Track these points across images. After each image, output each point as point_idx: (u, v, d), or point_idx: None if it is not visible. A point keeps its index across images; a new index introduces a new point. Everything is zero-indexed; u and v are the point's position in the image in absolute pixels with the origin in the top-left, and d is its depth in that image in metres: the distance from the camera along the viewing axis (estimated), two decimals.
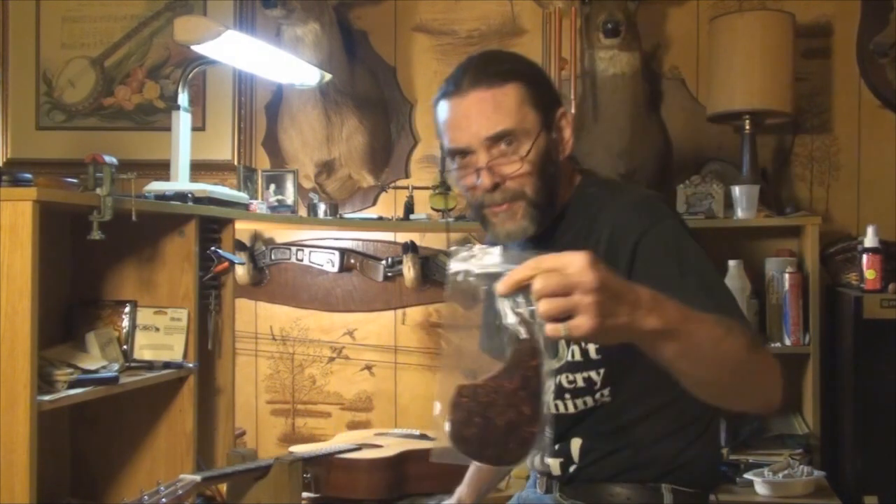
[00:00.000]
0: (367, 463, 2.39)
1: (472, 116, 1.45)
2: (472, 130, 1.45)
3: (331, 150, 3.05)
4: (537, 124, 1.47)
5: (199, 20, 2.30)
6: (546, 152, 1.48)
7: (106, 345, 2.04)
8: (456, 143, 1.48)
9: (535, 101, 1.47)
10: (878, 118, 2.98)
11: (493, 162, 1.45)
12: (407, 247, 2.96)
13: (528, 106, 1.46)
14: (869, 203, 2.95)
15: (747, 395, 1.22)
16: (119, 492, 2.15)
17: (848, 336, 2.62)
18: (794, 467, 2.55)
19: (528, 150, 1.45)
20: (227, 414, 2.33)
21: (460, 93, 1.47)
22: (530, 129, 1.46)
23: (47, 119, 3.22)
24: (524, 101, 1.46)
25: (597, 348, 1.45)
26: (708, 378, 1.16)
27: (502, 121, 1.44)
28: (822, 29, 3.00)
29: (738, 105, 2.78)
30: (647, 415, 1.48)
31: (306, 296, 3.13)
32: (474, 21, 3.13)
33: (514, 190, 1.46)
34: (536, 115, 1.47)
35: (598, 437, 1.50)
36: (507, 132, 1.45)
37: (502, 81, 1.46)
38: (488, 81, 1.45)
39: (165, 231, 2.15)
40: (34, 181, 1.73)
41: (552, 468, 1.54)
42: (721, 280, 1.44)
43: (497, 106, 1.45)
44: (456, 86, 1.48)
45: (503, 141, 1.45)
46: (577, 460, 1.51)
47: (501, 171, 1.45)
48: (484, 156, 1.45)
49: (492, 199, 1.47)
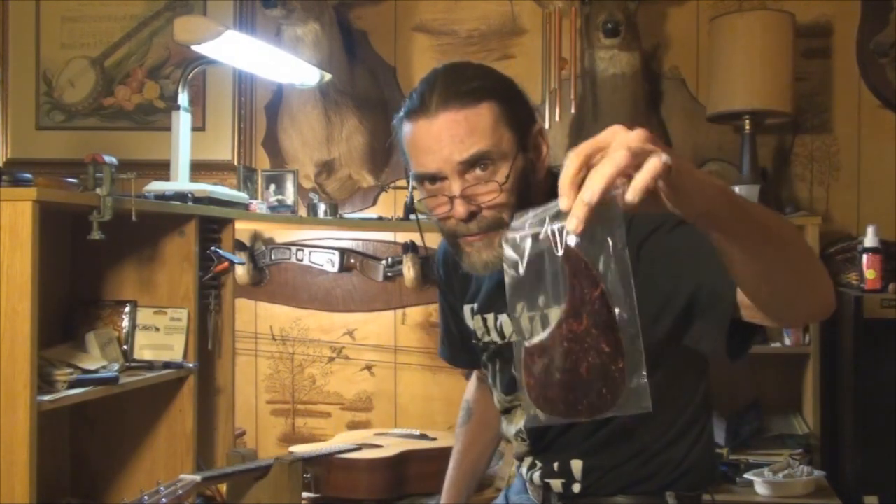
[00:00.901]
0: (367, 463, 2.39)
1: (443, 140, 1.32)
2: (443, 154, 1.32)
3: (331, 150, 3.05)
4: (514, 145, 1.34)
5: (199, 20, 2.30)
6: (524, 174, 1.35)
7: (106, 345, 2.04)
8: (425, 167, 1.35)
9: (510, 120, 1.35)
10: (878, 118, 2.98)
11: (468, 189, 1.32)
12: (407, 247, 2.96)
13: (503, 126, 1.33)
14: (869, 203, 2.95)
15: (810, 284, 1.12)
16: (119, 492, 2.15)
17: (848, 336, 2.62)
18: (794, 467, 2.55)
19: (507, 175, 1.32)
20: (227, 414, 2.33)
21: (428, 114, 1.33)
22: (507, 151, 1.33)
23: (47, 119, 3.22)
24: (499, 121, 1.33)
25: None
26: (774, 258, 1.04)
27: (476, 143, 1.31)
28: (822, 29, 3.00)
29: (738, 105, 2.78)
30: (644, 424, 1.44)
31: (306, 296, 3.14)
32: (474, 21, 3.13)
33: (490, 219, 1.33)
34: (512, 135, 1.34)
35: (597, 455, 1.46)
36: (482, 154, 1.31)
37: (475, 101, 1.32)
38: (460, 101, 1.32)
39: (165, 231, 2.15)
40: (34, 181, 1.73)
41: (553, 487, 1.50)
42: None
43: (471, 128, 1.31)
44: (422, 105, 1.34)
45: (478, 166, 1.32)
46: (580, 479, 1.48)
47: (477, 199, 1.32)
48: (457, 183, 1.32)
49: (466, 230, 1.34)
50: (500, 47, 3.09)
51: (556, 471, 1.49)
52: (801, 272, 1.09)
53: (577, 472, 1.47)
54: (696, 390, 1.48)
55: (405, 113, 1.37)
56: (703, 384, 1.50)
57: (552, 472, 1.50)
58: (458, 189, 1.32)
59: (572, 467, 1.48)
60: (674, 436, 1.46)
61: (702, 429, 1.50)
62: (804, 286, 1.12)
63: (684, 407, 1.47)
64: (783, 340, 2.71)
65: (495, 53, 3.09)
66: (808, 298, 1.15)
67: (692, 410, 1.48)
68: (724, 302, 1.22)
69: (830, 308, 1.18)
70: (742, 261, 1.04)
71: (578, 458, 1.47)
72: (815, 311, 1.21)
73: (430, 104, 1.33)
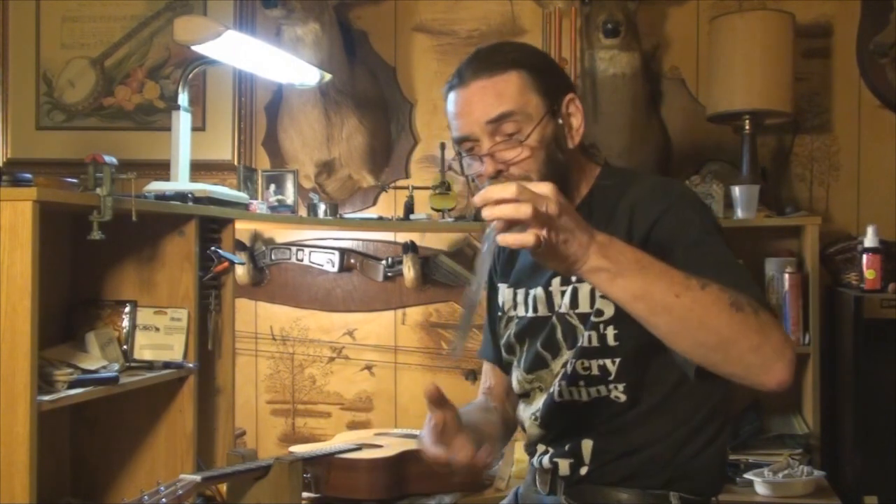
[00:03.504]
0: (367, 463, 2.39)
1: (473, 103, 1.46)
2: (473, 117, 1.45)
3: (331, 150, 3.05)
4: (541, 109, 1.45)
5: (199, 20, 2.30)
6: (553, 138, 1.46)
7: (106, 345, 2.04)
8: (460, 131, 1.48)
9: (538, 87, 1.46)
10: (878, 118, 2.98)
11: (494, 147, 1.45)
12: (407, 247, 2.96)
13: (530, 92, 1.45)
14: (869, 203, 2.95)
15: (729, 354, 1.20)
16: (119, 492, 2.15)
17: (848, 336, 2.62)
18: (794, 467, 2.55)
19: (529, 133, 1.43)
20: (227, 414, 2.33)
21: (463, 83, 1.47)
22: (532, 113, 1.45)
23: (47, 119, 3.22)
24: (526, 87, 1.45)
25: (615, 334, 1.44)
26: (669, 327, 1.20)
27: (502, 104, 1.44)
28: (822, 29, 3.00)
29: (738, 105, 2.78)
30: (659, 416, 1.47)
31: (306, 296, 3.14)
32: (474, 21, 3.13)
33: (517, 177, 1.42)
34: (540, 100, 1.46)
35: (609, 439, 1.49)
36: (507, 114, 1.44)
37: (503, 69, 1.45)
38: (490, 70, 1.45)
39: (165, 231, 2.15)
40: (34, 181, 1.73)
41: (561, 468, 1.52)
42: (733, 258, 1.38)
43: (498, 92, 1.44)
44: (460, 77, 1.48)
45: (504, 125, 1.44)
46: (588, 462, 1.50)
47: (503, 156, 1.45)
48: (487, 142, 1.45)
49: None
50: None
51: (567, 451, 1.52)
52: (716, 345, 1.20)
53: (586, 454, 1.50)
54: (712, 391, 1.49)
55: (447, 87, 1.52)
56: (721, 387, 1.49)
57: (563, 452, 1.52)
58: (486, 148, 1.45)
59: (583, 447, 1.50)
60: (686, 433, 1.48)
61: (715, 433, 1.50)
62: (722, 354, 1.22)
63: (699, 405, 1.49)
64: None
65: None
66: (728, 365, 1.23)
67: (706, 411, 1.49)
68: None
69: (773, 377, 1.21)
70: (641, 322, 1.22)
71: (590, 439, 1.50)
72: (748, 375, 1.23)
73: (465, 75, 1.48)
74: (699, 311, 1.18)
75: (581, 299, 1.48)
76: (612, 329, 1.44)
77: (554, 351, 1.52)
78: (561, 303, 1.50)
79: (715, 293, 1.20)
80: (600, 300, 1.44)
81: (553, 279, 1.52)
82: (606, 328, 1.44)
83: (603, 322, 1.44)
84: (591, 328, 1.45)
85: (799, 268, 2.73)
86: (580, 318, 1.48)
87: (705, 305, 1.18)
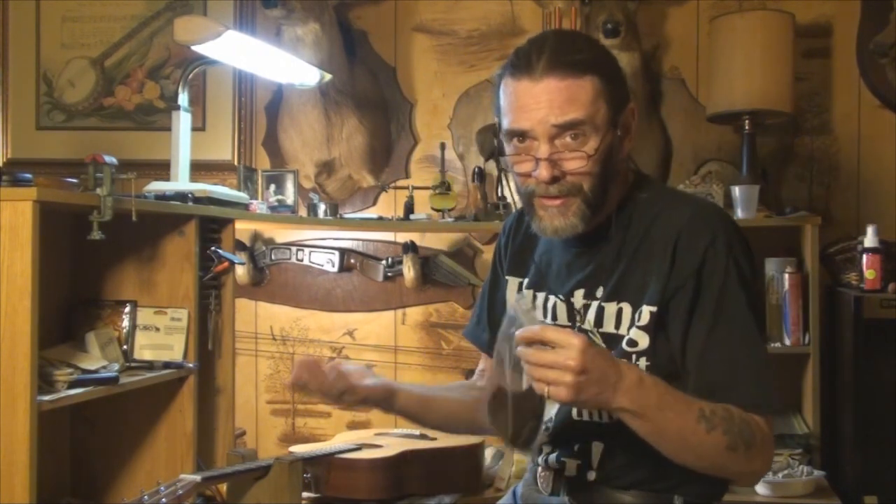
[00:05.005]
0: (367, 463, 2.39)
1: (542, 102, 1.38)
2: (539, 116, 1.38)
3: (331, 150, 3.05)
4: (607, 120, 1.40)
5: (199, 20, 2.30)
6: (610, 150, 1.42)
7: (106, 345, 2.04)
8: (518, 124, 1.41)
9: (609, 96, 1.41)
10: (878, 118, 2.97)
11: (555, 154, 1.39)
12: (407, 247, 2.96)
13: (601, 101, 1.39)
14: (869, 203, 2.95)
15: (715, 472, 1.40)
16: (119, 492, 2.15)
17: (848, 336, 2.62)
18: (794, 467, 2.55)
19: (597, 147, 1.39)
20: (227, 414, 2.33)
21: (533, 75, 1.38)
22: (600, 124, 1.39)
23: (47, 119, 3.22)
24: (599, 95, 1.39)
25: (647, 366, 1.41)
26: (670, 454, 1.35)
27: (574, 111, 1.37)
28: (822, 29, 3.00)
29: (738, 105, 2.78)
30: None
31: (306, 296, 3.13)
32: (474, 21, 3.13)
33: (572, 185, 1.40)
34: (608, 111, 1.40)
35: (619, 444, 1.45)
36: (577, 122, 1.38)
37: (580, 72, 1.38)
38: (565, 70, 1.38)
39: (165, 231, 2.15)
40: (34, 181, 1.73)
41: (568, 468, 1.50)
42: (753, 335, 1.41)
43: (571, 97, 1.38)
44: (529, 66, 1.39)
45: (569, 133, 1.38)
46: (596, 466, 1.48)
47: (563, 165, 1.39)
48: (546, 146, 1.38)
49: (545, 191, 1.41)
50: (500, 47, 3.09)
51: (576, 451, 1.49)
52: (706, 470, 1.38)
53: (595, 456, 1.48)
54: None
55: (509, 71, 1.42)
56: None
57: (571, 452, 1.50)
58: (546, 152, 1.39)
59: (592, 450, 1.48)
60: None
61: None
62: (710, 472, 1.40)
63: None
64: (783, 340, 2.71)
65: (495, 53, 3.09)
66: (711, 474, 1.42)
67: None
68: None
69: (749, 483, 1.53)
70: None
71: (600, 442, 1.48)
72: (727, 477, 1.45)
73: (538, 66, 1.38)
74: (699, 450, 1.33)
75: (606, 319, 1.46)
76: (645, 361, 1.42)
77: None
78: (585, 318, 1.48)
79: (717, 438, 1.32)
80: (635, 330, 1.42)
81: (576, 291, 1.49)
82: (639, 359, 1.42)
83: (636, 353, 1.42)
84: (620, 355, 1.41)
85: (799, 268, 2.73)
86: (604, 338, 1.46)
87: (706, 447, 1.32)
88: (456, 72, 3.12)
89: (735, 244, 1.44)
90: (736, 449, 1.33)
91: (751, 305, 1.42)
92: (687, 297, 1.39)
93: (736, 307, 1.40)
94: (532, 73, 1.39)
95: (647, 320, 1.41)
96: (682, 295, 1.40)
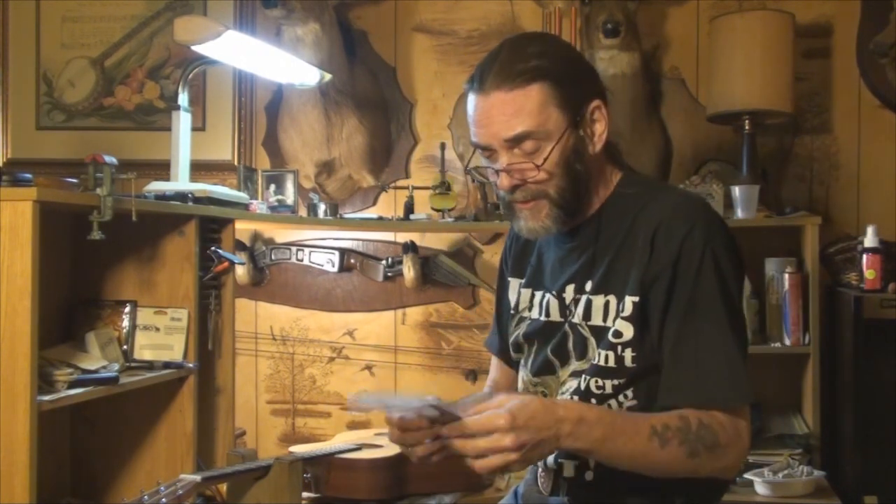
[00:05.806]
0: (367, 463, 2.39)
1: (492, 117, 1.42)
2: (492, 130, 1.42)
3: (331, 150, 3.05)
4: (562, 124, 1.41)
5: (199, 20, 2.30)
6: (573, 151, 1.43)
7: (106, 345, 2.04)
8: (478, 139, 1.46)
9: (561, 100, 1.41)
10: (878, 118, 2.97)
11: (512, 164, 1.42)
12: (407, 247, 2.96)
13: (552, 107, 1.41)
14: (869, 203, 2.95)
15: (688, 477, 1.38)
16: (119, 492, 2.15)
17: (848, 336, 2.62)
18: (794, 467, 2.55)
19: (547, 156, 1.41)
20: (227, 414, 2.33)
21: (484, 90, 1.42)
22: (552, 129, 1.41)
23: (47, 119, 3.22)
24: (548, 102, 1.41)
25: (633, 356, 1.42)
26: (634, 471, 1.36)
27: (521, 123, 1.40)
28: (822, 29, 3.00)
29: (738, 105, 2.78)
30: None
31: (306, 296, 3.14)
32: (474, 21, 3.13)
33: (537, 190, 1.44)
34: (562, 114, 1.41)
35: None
36: (526, 134, 1.40)
37: (526, 82, 1.40)
38: (511, 82, 1.40)
39: (165, 231, 2.15)
40: (34, 181, 1.73)
41: (565, 469, 1.50)
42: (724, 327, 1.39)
43: (517, 109, 1.40)
44: (480, 82, 1.43)
45: (523, 143, 1.41)
46: (593, 466, 1.48)
47: (520, 174, 1.43)
48: (504, 156, 1.43)
49: (513, 197, 1.46)
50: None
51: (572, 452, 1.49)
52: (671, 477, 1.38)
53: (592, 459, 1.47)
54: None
55: (468, 87, 1.47)
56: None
57: (568, 453, 1.49)
58: (504, 162, 1.43)
59: None
60: None
61: None
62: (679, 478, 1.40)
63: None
64: (783, 340, 2.71)
65: None
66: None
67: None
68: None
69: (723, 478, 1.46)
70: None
71: None
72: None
73: (486, 81, 1.42)
74: (659, 466, 1.35)
75: (594, 311, 1.46)
76: (631, 351, 1.42)
77: (563, 359, 1.51)
78: (574, 312, 1.49)
79: (673, 451, 1.33)
80: (619, 321, 1.43)
81: (567, 286, 1.51)
82: (625, 350, 1.42)
83: (621, 344, 1.42)
84: (607, 347, 1.43)
85: (799, 268, 2.73)
86: (592, 331, 1.47)
87: (664, 461, 1.34)
88: (456, 72, 3.12)
89: (714, 236, 1.42)
90: (697, 455, 1.34)
91: (725, 297, 1.40)
92: (663, 288, 1.40)
93: (709, 299, 1.39)
94: (483, 88, 1.42)
95: (630, 311, 1.41)
96: (659, 285, 1.40)
